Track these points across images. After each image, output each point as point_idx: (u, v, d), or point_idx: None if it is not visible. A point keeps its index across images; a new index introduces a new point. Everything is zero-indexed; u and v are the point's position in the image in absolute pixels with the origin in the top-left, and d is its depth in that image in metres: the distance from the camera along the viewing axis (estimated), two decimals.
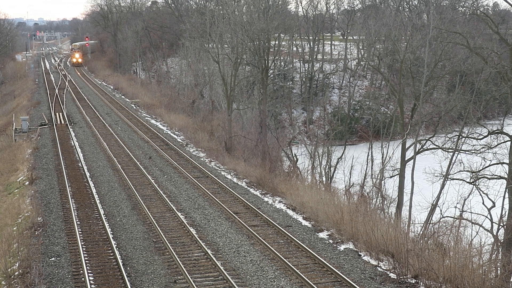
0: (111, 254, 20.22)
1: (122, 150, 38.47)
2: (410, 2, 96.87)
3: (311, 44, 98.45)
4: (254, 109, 53.28)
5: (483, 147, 33.74)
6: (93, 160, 35.55)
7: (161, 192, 27.87)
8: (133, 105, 61.60)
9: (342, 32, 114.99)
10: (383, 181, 37.47)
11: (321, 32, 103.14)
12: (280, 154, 44.35)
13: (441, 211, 32.32)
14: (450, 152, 36.19)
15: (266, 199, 27.55)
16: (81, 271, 18.69)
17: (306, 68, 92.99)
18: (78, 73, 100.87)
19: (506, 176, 30.24)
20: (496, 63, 32.46)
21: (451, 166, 35.52)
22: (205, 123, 51.08)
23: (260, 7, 50.97)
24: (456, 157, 35.76)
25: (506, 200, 30.20)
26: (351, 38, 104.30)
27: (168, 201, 26.51)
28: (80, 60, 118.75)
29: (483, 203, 32.03)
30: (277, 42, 79.95)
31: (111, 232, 22.34)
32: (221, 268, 18.71)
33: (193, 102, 62.26)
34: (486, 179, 32.62)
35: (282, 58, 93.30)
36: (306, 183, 33.15)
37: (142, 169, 32.71)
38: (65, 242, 21.37)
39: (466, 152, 35.29)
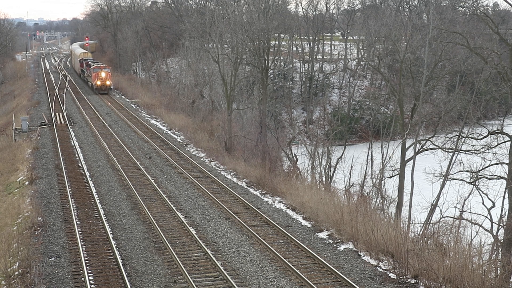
0: (111, 254, 20.21)
1: (122, 150, 38.47)
2: (410, 2, 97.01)
3: (311, 44, 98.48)
4: (254, 109, 53.26)
5: (483, 147, 33.74)
6: (93, 160, 35.55)
7: (161, 192, 27.87)
8: (133, 105, 61.60)
9: (342, 32, 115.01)
10: (383, 181, 37.45)
11: (321, 32, 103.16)
12: (280, 154, 44.33)
13: (441, 211, 32.31)
14: (450, 152, 36.20)
15: (266, 199, 27.54)
16: (81, 271, 18.69)
17: (306, 68, 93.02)
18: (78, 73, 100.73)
19: (506, 176, 30.24)
20: (496, 63, 32.45)
21: (451, 166, 35.53)
22: (205, 123, 51.06)
23: (260, 7, 50.97)
24: (456, 157, 35.78)
25: (506, 200, 30.19)
26: (351, 38, 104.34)
27: (168, 201, 26.50)
28: (108, 82, 72.35)
29: (483, 203, 32.02)
30: (277, 42, 79.97)
31: (111, 232, 22.34)
32: (221, 268, 18.70)
33: (193, 102, 62.25)
34: (486, 179, 32.63)
35: (282, 58, 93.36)
36: (306, 183, 33.16)
37: (142, 169, 32.71)
38: (65, 242, 21.38)
39: (466, 152, 35.30)
